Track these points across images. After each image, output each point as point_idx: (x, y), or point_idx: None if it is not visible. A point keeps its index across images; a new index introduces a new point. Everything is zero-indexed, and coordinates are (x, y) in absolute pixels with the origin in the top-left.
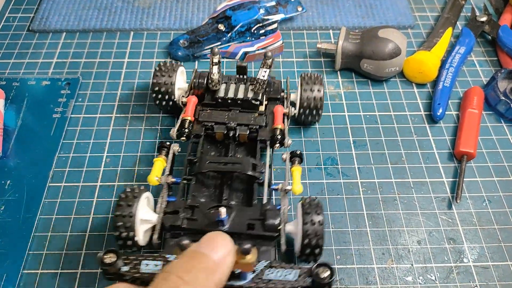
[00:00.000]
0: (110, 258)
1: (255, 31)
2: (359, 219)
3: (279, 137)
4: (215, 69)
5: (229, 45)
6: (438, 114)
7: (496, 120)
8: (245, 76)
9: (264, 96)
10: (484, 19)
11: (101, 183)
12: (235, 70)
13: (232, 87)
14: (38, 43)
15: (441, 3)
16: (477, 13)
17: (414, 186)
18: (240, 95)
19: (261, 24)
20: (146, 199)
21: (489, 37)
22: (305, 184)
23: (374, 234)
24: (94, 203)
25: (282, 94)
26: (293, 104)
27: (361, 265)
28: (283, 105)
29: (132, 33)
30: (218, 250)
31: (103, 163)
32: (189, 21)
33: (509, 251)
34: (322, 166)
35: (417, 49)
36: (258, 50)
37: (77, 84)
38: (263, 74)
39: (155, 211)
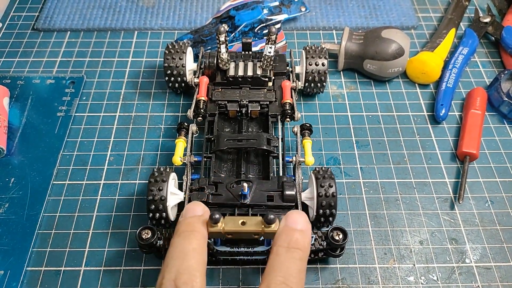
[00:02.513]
0: (146, 234)
1: (259, 31)
2: (361, 219)
3: (289, 111)
4: (222, 48)
5: (232, 45)
6: (441, 114)
7: (499, 121)
8: (250, 52)
9: (272, 71)
10: (487, 20)
11: (104, 181)
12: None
13: (241, 65)
14: (42, 42)
15: (444, 4)
16: (481, 14)
17: (416, 186)
18: (250, 72)
19: (264, 24)
20: (173, 180)
21: (493, 38)
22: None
23: (376, 234)
24: (97, 201)
25: (288, 68)
26: (297, 76)
27: (363, 264)
28: (289, 79)
29: (136, 32)
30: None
31: (106, 162)
32: (193, 21)
33: (511, 252)
34: (325, 166)
35: (420, 49)
36: (261, 50)
37: (81, 83)
38: (269, 50)
39: (179, 189)
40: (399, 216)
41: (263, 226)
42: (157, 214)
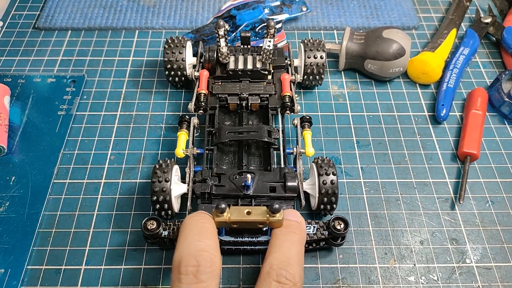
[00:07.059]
0: (151, 225)
1: (260, 31)
2: (362, 219)
3: (288, 104)
4: (222, 42)
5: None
6: (442, 115)
7: (499, 122)
8: (249, 46)
9: (271, 65)
10: (488, 20)
11: (105, 180)
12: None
13: (241, 58)
14: (43, 40)
15: (445, 4)
16: (482, 15)
17: (417, 186)
18: (249, 66)
19: (265, 24)
20: (176, 176)
21: (494, 38)
22: None
23: (376, 234)
24: (98, 200)
25: (286, 61)
26: (295, 69)
27: (363, 264)
28: (288, 72)
29: (137, 31)
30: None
31: (107, 160)
32: (194, 20)
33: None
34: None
35: (421, 50)
36: None
37: (82, 82)
38: (268, 44)
39: (181, 181)
40: (400, 216)
41: (268, 215)
42: (161, 197)
